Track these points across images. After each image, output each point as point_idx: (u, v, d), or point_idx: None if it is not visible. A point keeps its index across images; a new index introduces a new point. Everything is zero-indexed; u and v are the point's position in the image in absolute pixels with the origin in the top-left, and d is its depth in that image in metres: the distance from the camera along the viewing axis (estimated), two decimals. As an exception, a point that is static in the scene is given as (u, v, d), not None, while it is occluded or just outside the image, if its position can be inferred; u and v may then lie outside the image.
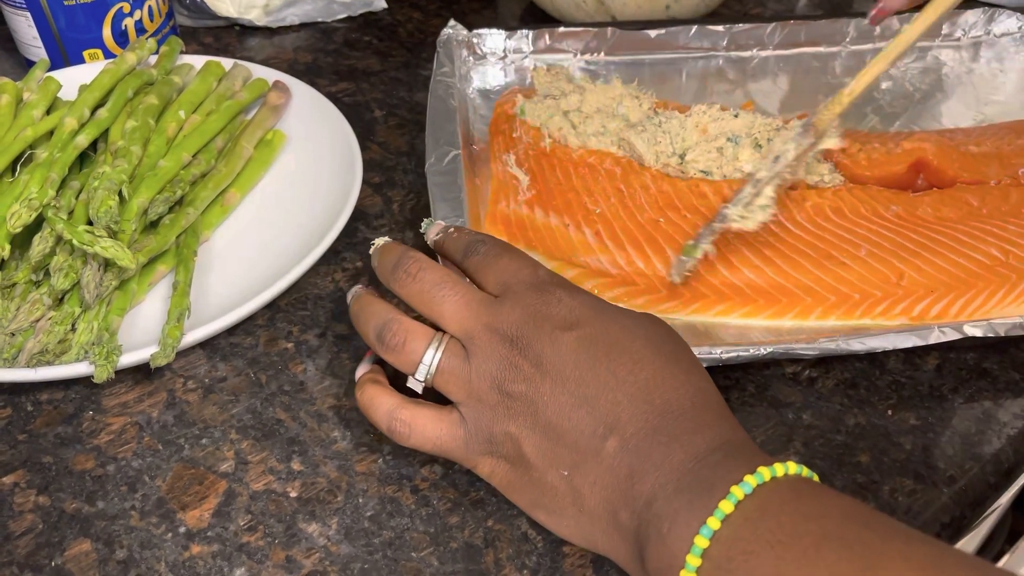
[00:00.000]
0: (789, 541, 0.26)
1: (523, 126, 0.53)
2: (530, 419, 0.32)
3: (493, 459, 0.34)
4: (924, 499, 0.36)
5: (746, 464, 0.28)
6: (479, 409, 0.34)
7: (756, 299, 0.44)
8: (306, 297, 0.46)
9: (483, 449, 0.34)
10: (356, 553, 0.35)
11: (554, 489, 0.32)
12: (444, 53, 0.57)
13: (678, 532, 0.28)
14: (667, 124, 0.51)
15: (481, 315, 0.34)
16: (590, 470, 0.31)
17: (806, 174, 0.49)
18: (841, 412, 0.40)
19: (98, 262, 0.41)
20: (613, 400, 0.31)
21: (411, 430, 0.35)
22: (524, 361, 0.33)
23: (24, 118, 0.49)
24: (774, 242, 0.46)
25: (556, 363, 0.32)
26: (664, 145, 0.50)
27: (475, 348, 0.34)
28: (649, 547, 0.29)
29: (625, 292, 0.44)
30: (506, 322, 0.34)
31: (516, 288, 0.35)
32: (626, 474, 0.30)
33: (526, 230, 0.48)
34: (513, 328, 0.33)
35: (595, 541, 0.32)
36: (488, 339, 0.34)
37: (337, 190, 0.49)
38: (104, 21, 0.60)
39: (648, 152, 0.50)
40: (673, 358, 0.33)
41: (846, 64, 0.62)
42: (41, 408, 0.40)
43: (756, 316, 0.43)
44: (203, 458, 0.38)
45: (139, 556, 0.34)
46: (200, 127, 0.51)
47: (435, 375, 0.34)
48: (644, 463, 0.30)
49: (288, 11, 0.70)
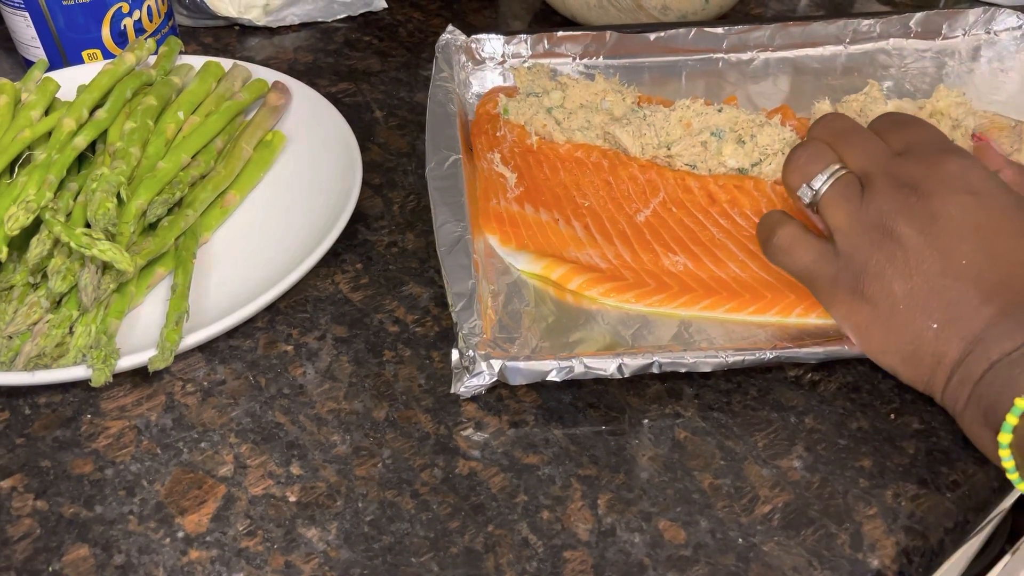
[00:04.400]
0: None
1: (507, 125, 0.53)
2: (910, 265, 0.34)
3: (855, 298, 0.36)
4: (927, 504, 0.36)
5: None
6: (857, 242, 0.36)
7: (742, 294, 0.43)
8: (306, 299, 0.46)
9: (849, 286, 0.36)
10: (356, 558, 0.34)
11: (917, 338, 0.34)
12: (443, 58, 0.57)
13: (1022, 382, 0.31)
14: (651, 118, 0.51)
15: (882, 161, 0.37)
16: (964, 326, 0.34)
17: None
18: (844, 416, 0.40)
19: (96, 265, 0.41)
20: (1010, 270, 0.33)
21: (790, 247, 0.38)
22: (922, 207, 0.34)
23: (22, 119, 0.49)
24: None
25: (957, 220, 0.34)
26: (649, 137, 0.50)
27: (872, 186, 0.36)
28: (992, 387, 0.32)
29: (614, 287, 0.44)
30: (908, 172, 0.36)
31: (921, 147, 0.37)
32: (998, 335, 0.33)
33: (518, 227, 0.48)
34: (915, 178, 0.35)
35: (935, 389, 0.35)
36: (887, 182, 0.36)
37: (337, 191, 0.49)
38: (103, 21, 0.60)
39: (634, 145, 0.50)
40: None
41: (846, 65, 0.62)
42: (39, 411, 0.40)
43: (741, 312, 0.43)
44: (202, 462, 0.38)
45: (137, 561, 0.34)
46: (199, 128, 0.51)
47: (824, 194, 0.37)
48: (1018, 330, 0.33)
49: (288, 11, 0.70)
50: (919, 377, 0.36)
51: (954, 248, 0.34)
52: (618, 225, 0.47)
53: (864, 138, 0.38)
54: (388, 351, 0.43)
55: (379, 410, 0.40)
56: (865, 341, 0.37)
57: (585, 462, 0.38)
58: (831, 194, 0.37)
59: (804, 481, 0.37)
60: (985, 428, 0.33)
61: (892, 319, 0.35)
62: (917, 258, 0.34)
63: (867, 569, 0.34)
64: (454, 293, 0.41)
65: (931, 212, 0.35)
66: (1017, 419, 0.31)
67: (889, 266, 0.35)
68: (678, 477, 0.37)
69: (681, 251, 0.46)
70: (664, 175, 0.49)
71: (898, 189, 0.35)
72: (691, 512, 0.36)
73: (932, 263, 0.34)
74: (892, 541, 0.35)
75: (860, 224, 0.36)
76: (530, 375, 0.39)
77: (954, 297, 0.34)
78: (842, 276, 0.36)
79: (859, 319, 0.36)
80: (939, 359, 0.35)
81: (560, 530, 0.35)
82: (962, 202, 0.35)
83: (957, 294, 0.34)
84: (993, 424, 0.33)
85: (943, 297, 0.34)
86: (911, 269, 0.35)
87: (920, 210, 0.35)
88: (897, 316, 0.35)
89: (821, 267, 0.37)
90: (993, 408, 0.33)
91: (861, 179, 0.37)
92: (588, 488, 0.37)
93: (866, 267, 0.35)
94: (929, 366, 0.35)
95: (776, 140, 0.49)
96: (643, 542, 0.35)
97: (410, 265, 0.48)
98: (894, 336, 0.35)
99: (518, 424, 0.39)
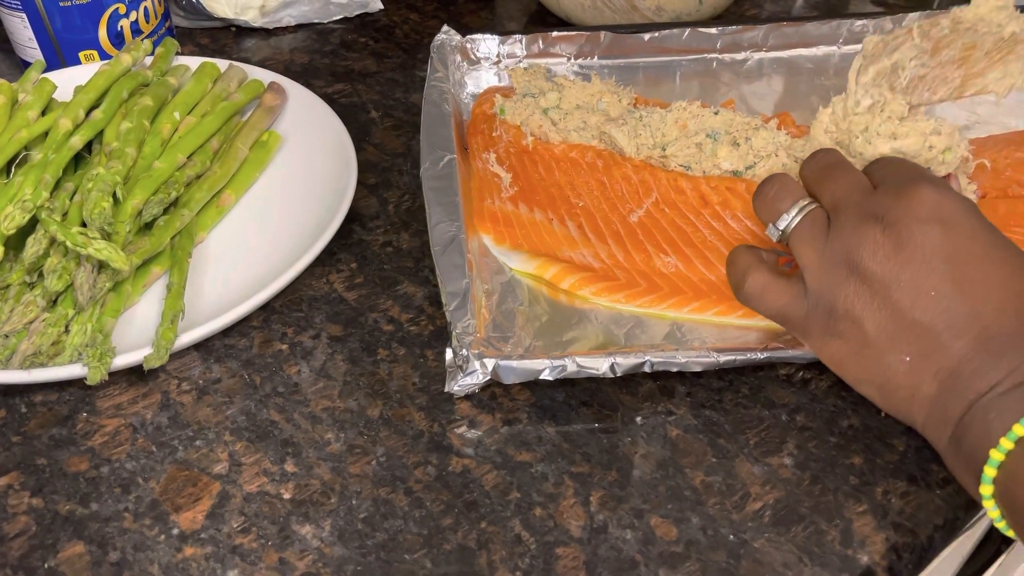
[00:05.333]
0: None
1: (503, 125, 0.54)
2: (879, 299, 0.34)
3: (828, 334, 0.35)
4: (917, 501, 0.37)
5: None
6: (825, 280, 0.35)
7: (731, 296, 0.44)
8: (301, 298, 0.46)
9: (821, 322, 0.35)
10: (349, 555, 0.35)
11: (889, 371, 0.34)
12: (438, 58, 0.57)
13: (1001, 421, 0.31)
14: (647, 119, 0.51)
15: (855, 195, 0.36)
16: (936, 360, 0.33)
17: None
18: (835, 414, 0.40)
19: (92, 264, 0.41)
20: (980, 301, 0.33)
21: (761, 294, 0.37)
22: (887, 241, 0.34)
23: (19, 119, 0.49)
24: (752, 240, 0.46)
25: (923, 252, 0.33)
26: (645, 138, 0.50)
27: (839, 220, 0.36)
28: (970, 432, 0.32)
29: (606, 287, 0.44)
30: (875, 204, 0.35)
31: (893, 178, 0.36)
32: (971, 371, 0.32)
33: (512, 226, 0.48)
34: (880, 209, 0.35)
35: (915, 420, 0.35)
36: (854, 215, 0.35)
37: (332, 191, 0.49)
38: (100, 22, 0.60)
39: (629, 145, 0.51)
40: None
41: (840, 66, 0.62)
42: (35, 410, 0.40)
43: (730, 314, 0.43)
44: (197, 460, 0.38)
45: (132, 558, 0.34)
46: (195, 128, 0.51)
47: (793, 232, 0.36)
48: (992, 365, 0.32)
49: (284, 12, 0.70)
50: (896, 408, 0.36)
51: (922, 280, 0.33)
52: (612, 225, 0.48)
53: (845, 173, 0.38)
54: (382, 350, 0.43)
55: (373, 408, 0.40)
56: (841, 372, 0.36)
57: (578, 459, 0.38)
58: (799, 231, 0.37)
59: (795, 478, 0.37)
60: (968, 475, 0.33)
61: (864, 353, 0.35)
62: (884, 292, 0.34)
63: (857, 565, 0.34)
64: (448, 292, 0.41)
65: (897, 242, 0.34)
66: (995, 471, 0.31)
67: (857, 302, 0.34)
68: (670, 474, 0.38)
69: (673, 252, 0.46)
70: (657, 176, 0.50)
71: (864, 222, 0.35)
72: (683, 509, 0.36)
73: (900, 296, 0.33)
74: (882, 537, 0.35)
75: (827, 261, 0.35)
76: (523, 374, 0.39)
77: (924, 331, 0.33)
78: (813, 314, 0.36)
79: (832, 353, 0.36)
80: (913, 392, 0.34)
81: (553, 527, 0.36)
82: (929, 231, 0.34)
83: (927, 328, 0.33)
84: (974, 472, 0.32)
85: (913, 331, 0.33)
86: (879, 304, 0.34)
87: (884, 241, 0.34)
88: (869, 350, 0.34)
89: (793, 309, 0.37)
90: (973, 456, 0.32)
91: (830, 214, 0.37)
92: (580, 485, 0.37)
93: (835, 305, 0.35)
94: (904, 398, 0.35)
95: (771, 143, 0.49)
96: (635, 539, 0.35)
97: (405, 264, 0.48)
98: (867, 369, 0.35)
99: (511, 422, 0.40)
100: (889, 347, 0.34)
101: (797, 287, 0.37)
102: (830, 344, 0.36)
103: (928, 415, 0.34)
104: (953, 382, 0.33)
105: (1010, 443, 0.30)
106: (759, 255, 0.39)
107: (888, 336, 0.34)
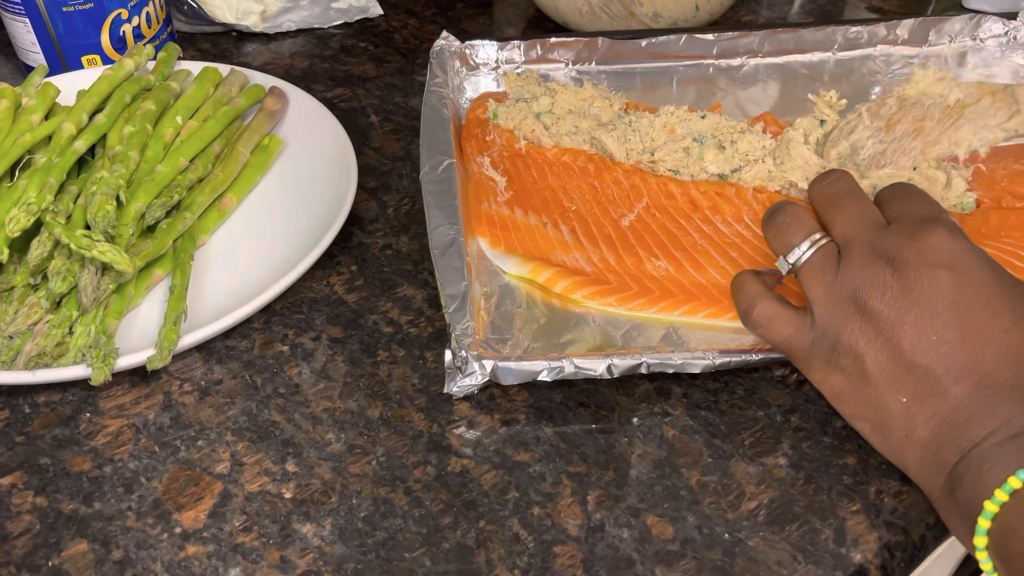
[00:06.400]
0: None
1: (496, 129, 0.54)
2: (882, 339, 0.34)
3: (830, 367, 0.36)
4: (910, 500, 0.37)
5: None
6: (832, 315, 0.36)
7: (721, 299, 0.44)
8: (301, 301, 0.46)
9: (824, 356, 0.36)
10: (350, 553, 0.35)
11: (886, 410, 0.34)
12: (437, 64, 0.58)
13: (996, 472, 0.31)
14: (637, 123, 0.52)
15: (867, 231, 0.36)
16: (932, 404, 0.33)
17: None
18: (828, 415, 0.41)
19: (96, 266, 0.41)
20: (981, 350, 0.33)
21: (769, 322, 0.38)
22: (895, 283, 0.34)
23: (23, 123, 0.50)
24: (741, 244, 0.47)
25: (930, 297, 0.34)
26: (634, 143, 0.51)
27: (850, 256, 0.36)
28: (964, 482, 0.32)
29: (599, 291, 0.45)
30: (887, 243, 0.35)
31: (907, 217, 0.36)
32: (966, 418, 0.33)
33: (507, 230, 0.48)
34: (892, 250, 0.35)
35: (908, 465, 0.35)
36: (863, 252, 0.36)
37: (332, 195, 0.50)
38: (102, 27, 0.60)
39: (619, 150, 0.51)
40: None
41: (834, 72, 0.63)
42: (39, 410, 0.41)
43: (720, 317, 0.44)
44: (199, 460, 0.38)
45: (135, 556, 0.35)
46: (197, 132, 0.52)
47: (803, 265, 0.37)
48: (988, 415, 0.32)
49: (285, 17, 0.71)
50: (889, 449, 0.36)
51: (925, 324, 0.34)
52: (603, 229, 0.48)
53: (857, 204, 0.38)
54: (382, 351, 0.44)
55: (373, 409, 0.41)
56: (840, 406, 0.37)
57: (575, 459, 0.39)
58: (809, 266, 0.37)
59: (789, 478, 0.38)
60: (962, 525, 0.33)
61: (863, 390, 0.35)
62: (888, 332, 0.34)
63: (850, 563, 0.35)
64: (447, 295, 0.42)
65: (904, 285, 0.34)
66: (989, 522, 0.31)
67: (862, 338, 0.35)
68: (666, 474, 0.38)
69: (663, 256, 0.47)
70: (647, 180, 0.50)
71: (874, 261, 0.35)
72: (679, 508, 0.37)
73: (903, 338, 0.34)
74: (875, 536, 0.36)
75: (835, 296, 0.36)
76: (521, 375, 0.39)
77: (923, 374, 0.34)
78: (817, 347, 0.36)
79: (833, 386, 0.37)
80: (907, 433, 0.34)
81: (550, 526, 0.36)
82: (937, 276, 0.34)
83: (926, 371, 0.34)
84: (968, 523, 0.32)
85: (912, 373, 0.34)
86: (882, 343, 0.34)
87: (893, 283, 0.34)
88: (868, 387, 0.35)
89: (798, 340, 0.37)
90: (967, 507, 0.32)
91: (841, 248, 0.37)
92: (578, 485, 0.38)
93: (839, 340, 0.35)
94: (898, 439, 0.35)
95: (756, 148, 0.50)
96: (631, 537, 0.36)
97: (404, 267, 0.49)
98: (864, 407, 0.36)
99: (510, 423, 0.40)
100: (888, 386, 0.35)
101: (804, 319, 0.37)
102: (831, 377, 0.36)
103: (921, 460, 0.34)
104: (948, 428, 0.33)
105: (1005, 495, 0.30)
106: (765, 283, 0.40)
107: (888, 376, 0.34)
